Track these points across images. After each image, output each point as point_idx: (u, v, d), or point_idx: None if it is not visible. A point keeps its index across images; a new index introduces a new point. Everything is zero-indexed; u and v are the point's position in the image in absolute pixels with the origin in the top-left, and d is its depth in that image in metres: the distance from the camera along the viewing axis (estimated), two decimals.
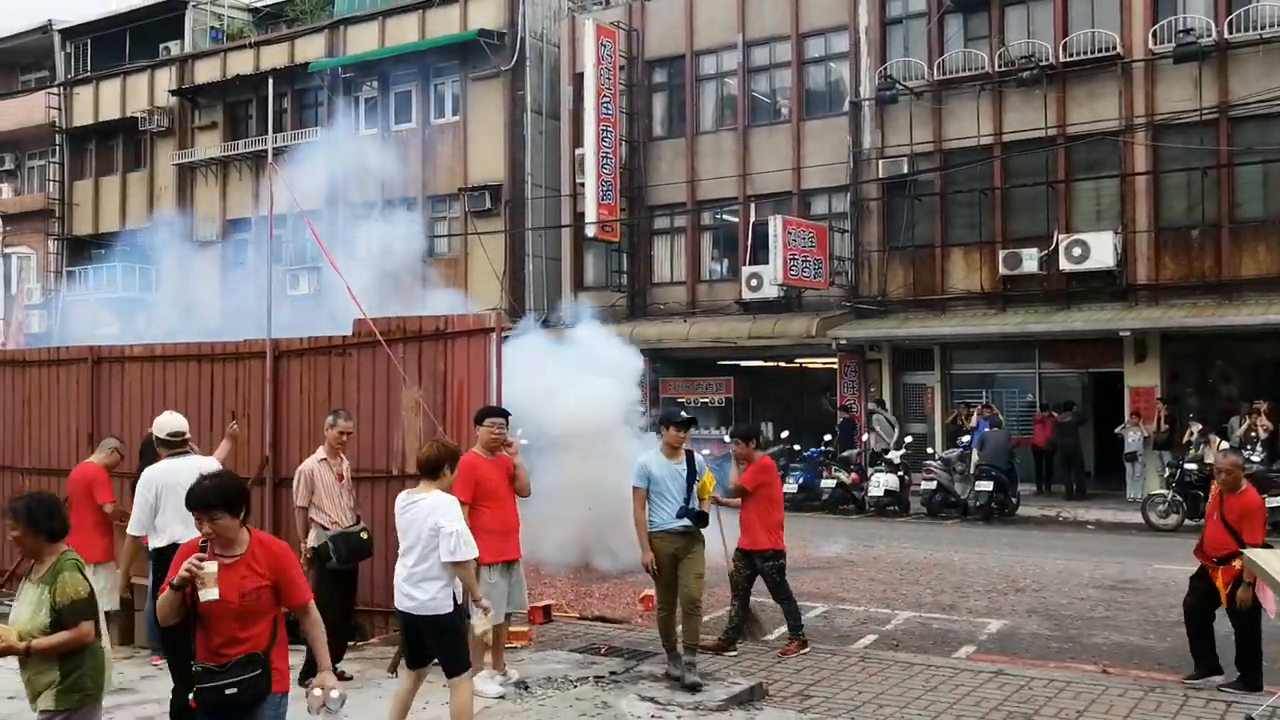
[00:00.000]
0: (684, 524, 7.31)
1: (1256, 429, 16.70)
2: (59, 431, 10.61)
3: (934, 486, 18.26)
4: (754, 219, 23.55)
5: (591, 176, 24.35)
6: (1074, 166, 20.94)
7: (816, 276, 22.52)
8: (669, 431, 7.46)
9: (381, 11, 28.69)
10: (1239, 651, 7.30)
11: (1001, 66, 21.03)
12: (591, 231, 24.52)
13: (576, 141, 25.54)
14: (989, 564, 13.18)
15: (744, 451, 8.57)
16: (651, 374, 21.62)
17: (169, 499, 6.79)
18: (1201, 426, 17.59)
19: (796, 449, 20.17)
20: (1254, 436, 16.64)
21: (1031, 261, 20.45)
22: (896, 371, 22.58)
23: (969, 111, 21.50)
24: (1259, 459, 16.19)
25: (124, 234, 30.12)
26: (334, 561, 7.45)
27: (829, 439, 20.49)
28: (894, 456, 18.96)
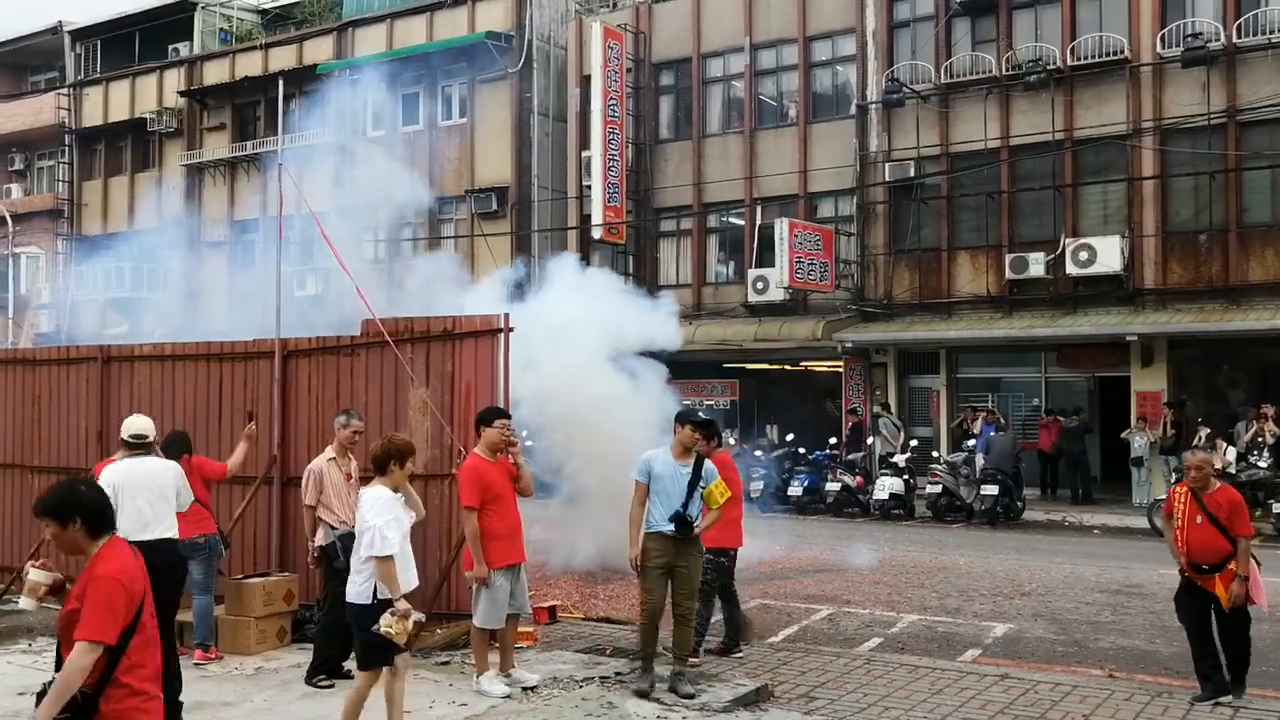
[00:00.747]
0: (671, 529, 7.01)
1: (1263, 434, 16.65)
2: (69, 431, 10.65)
3: (939, 490, 18.27)
4: (760, 222, 23.54)
5: (598, 179, 24.38)
6: (1081, 170, 20.93)
7: (822, 279, 22.51)
8: (683, 430, 7.21)
9: (390, 14, 28.78)
10: (1231, 659, 7.17)
11: (1009, 70, 21.01)
12: (598, 234, 24.52)
13: (583, 144, 25.57)
14: (994, 568, 13.17)
15: (703, 448, 8.38)
16: None
17: (123, 499, 6.82)
18: (1208, 431, 17.50)
19: (801, 452, 20.18)
20: (1260, 441, 16.60)
21: (1038, 265, 20.43)
22: (902, 375, 22.57)
23: (976, 115, 21.49)
24: (1265, 464, 16.18)
25: (132, 234, 30.20)
26: (341, 560, 7.47)
27: (834, 442, 20.50)
28: (899, 460, 18.96)
